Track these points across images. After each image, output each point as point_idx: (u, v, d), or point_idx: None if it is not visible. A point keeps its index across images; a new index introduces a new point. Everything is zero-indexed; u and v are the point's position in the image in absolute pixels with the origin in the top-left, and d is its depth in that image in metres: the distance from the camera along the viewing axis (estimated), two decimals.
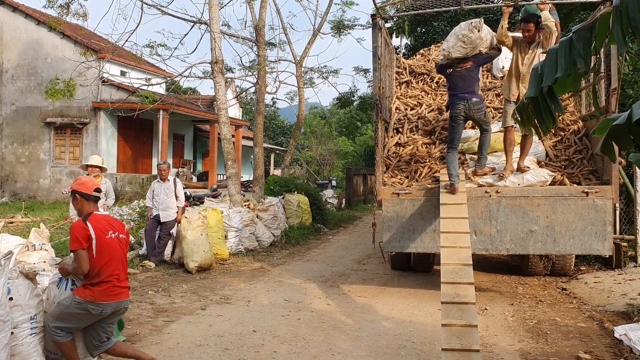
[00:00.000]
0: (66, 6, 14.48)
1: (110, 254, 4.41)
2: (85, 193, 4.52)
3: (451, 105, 7.57)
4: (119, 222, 4.70)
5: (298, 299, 7.47)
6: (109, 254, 4.39)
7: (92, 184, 4.61)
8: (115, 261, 4.45)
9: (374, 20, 8.21)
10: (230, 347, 5.38)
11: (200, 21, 14.70)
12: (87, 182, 4.62)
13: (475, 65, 7.59)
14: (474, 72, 7.54)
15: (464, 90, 7.44)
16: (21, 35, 22.30)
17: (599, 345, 5.50)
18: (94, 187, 4.59)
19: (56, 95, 15.94)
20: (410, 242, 7.47)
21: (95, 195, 4.57)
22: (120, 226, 4.63)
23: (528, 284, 8.44)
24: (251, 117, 33.13)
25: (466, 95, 7.39)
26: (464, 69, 7.51)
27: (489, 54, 7.72)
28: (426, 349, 5.45)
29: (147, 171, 23.86)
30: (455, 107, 7.46)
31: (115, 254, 4.45)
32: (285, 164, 19.83)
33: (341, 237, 14.95)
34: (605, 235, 6.97)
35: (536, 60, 7.20)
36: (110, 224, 4.53)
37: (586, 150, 7.95)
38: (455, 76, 7.56)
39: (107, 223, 4.49)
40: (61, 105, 20.92)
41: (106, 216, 4.61)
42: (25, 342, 4.19)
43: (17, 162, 22.42)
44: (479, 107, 7.43)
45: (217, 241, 10.04)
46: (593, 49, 3.17)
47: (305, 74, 20.59)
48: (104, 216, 4.57)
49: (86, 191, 4.53)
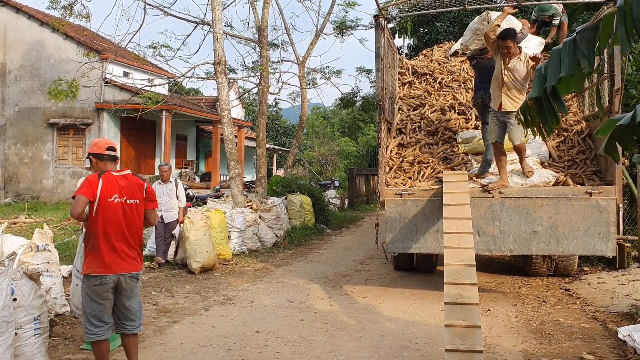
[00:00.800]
0: (69, 7, 14.51)
1: (111, 219, 4.21)
2: (97, 153, 4.43)
3: (474, 94, 8.26)
4: (136, 185, 4.41)
5: (301, 300, 7.47)
6: (107, 217, 4.19)
7: (104, 143, 4.48)
8: (114, 227, 4.22)
9: (376, 21, 8.22)
10: (234, 348, 5.38)
11: (203, 22, 14.72)
12: (98, 142, 4.52)
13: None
14: (492, 60, 7.72)
15: (484, 80, 7.82)
16: (24, 36, 22.34)
17: (603, 346, 5.49)
18: (106, 145, 4.46)
19: (59, 96, 15.97)
20: (413, 242, 7.46)
21: (109, 154, 4.44)
22: (134, 190, 4.37)
23: (531, 285, 8.43)
24: (254, 118, 33.18)
25: (486, 85, 7.70)
26: (485, 60, 7.97)
27: None
28: (429, 349, 5.44)
29: (150, 172, 23.88)
30: (476, 96, 8.12)
31: (115, 219, 4.22)
32: (288, 164, 19.83)
33: (344, 237, 14.95)
34: (609, 235, 6.95)
35: (519, 68, 7.03)
36: (121, 187, 4.30)
37: (589, 151, 7.94)
38: (478, 67, 8.14)
39: (118, 185, 4.28)
40: (64, 106, 20.95)
41: (123, 177, 4.37)
42: (29, 342, 4.20)
43: (20, 162, 22.46)
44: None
45: (220, 242, 10.04)
46: (597, 49, 3.17)
47: (307, 74, 20.63)
48: (120, 177, 4.35)
49: (98, 151, 4.43)
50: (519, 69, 7.04)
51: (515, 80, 7.06)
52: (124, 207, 4.29)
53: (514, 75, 7.05)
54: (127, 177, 4.41)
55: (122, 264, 4.25)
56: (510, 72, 7.06)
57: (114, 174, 4.34)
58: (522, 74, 7.05)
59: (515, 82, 7.05)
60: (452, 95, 9.44)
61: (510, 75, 7.06)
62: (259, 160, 15.96)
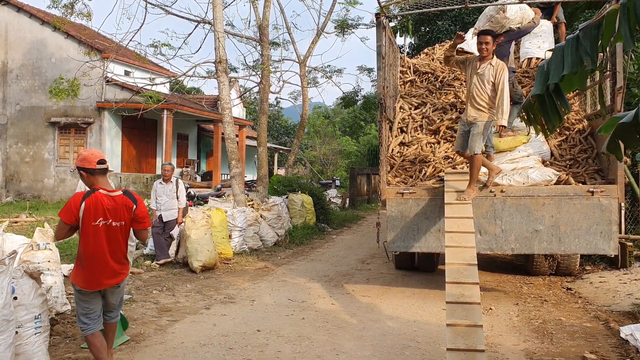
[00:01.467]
0: (70, 6, 14.52)
1: (94, 243, 4.22)
2: (88, 168, 4.30)
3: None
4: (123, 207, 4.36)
5: (302, 299, 7.46)
6: (92, 242, 4.22)
7: (94, 157, 4.34)
8: (97, 249, 4.24)
9: (378, 20, 8.20)
10: (235, 347, 5.37)
11: (204, 21, 14.70)
12: (88, 156, 4.37)
13: (507, 40, 8.12)
14: (504, 47, 8.02)
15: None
16: (25, 35, 22.35)
17: (605, 346, 5.47)
18: (97, 159, 4.32)
19: (60, 95, 15.97)
20: (415, 241, 7.45)
21: (100, 168, 4.32)
22: (120, 212, 4.33)
23: (533, 284, 8.41)
24: (255, 117, 33.18)
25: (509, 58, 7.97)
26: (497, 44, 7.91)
27: (522, 28, 8.17)
28: (431, 348, 5.43)
29: (151, 171, 23.89)
30: None
31: (98, 241, 4.23)
32: (289, 163, 19.82)
33: (345, 236, 14.94)
34: (611, 234, 6.94)
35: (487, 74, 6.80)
36: (107, 209, 4.26)
37: (591, 150, 7.92)
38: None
39: (103, 207, 4.24)
40: (65, 105, 20.96)
41: (112, 198, 4.31)
42: (29, 341, 4.19)
43: (21, 161, 22.47)
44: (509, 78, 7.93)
45: (221, 241, 10.04)
46: (600, 46, 3.15)
47: (309, 73, 20.61)
48: (108, 198, 4.29)
49: (89, 166, 4.30)
50: (487, 75, 6.80)
51: (482, 89, 6.82)
52: (108, 229, 4.28)
53: (482, 82, 6.83)
54: (116, 198, 4.34)
55: (105, 281, 4.36)
56: (479, 78, 6.84)
57: (103, 192, 4.28)
58: (489, 79, 6.78)
59: (482, 90, 6.82)
60: (453, 94, 9.42)
61: (478, 83, 6.85)
62: (260, 159, 15.95)
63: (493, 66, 6.80)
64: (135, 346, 5.33)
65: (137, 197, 4.53)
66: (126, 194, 4.42)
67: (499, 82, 6.73)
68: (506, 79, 6.75)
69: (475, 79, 6.86)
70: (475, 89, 6.86)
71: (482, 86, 6.82)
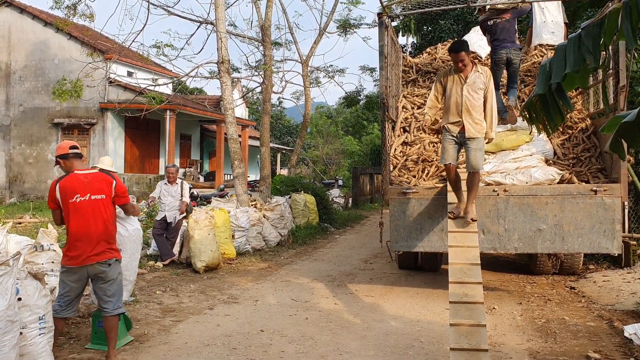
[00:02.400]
0: (73, 7, 14.56)
1: (75, 218, 4.55)
2: (62, 154, 4.73)
3: (494, 51, 8.39)
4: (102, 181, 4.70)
5: (305, 299, 7.46)
6: (73, 217, 4.54)
7: (66, 144, 4.78)
8: (79, 224, 4.55)
9: (380, 19, 8.20)
10: (238, 347, 5.38)
11: (206, 21, 14.71)
12: (62, 144, 4.83)
13: (513, 17, 8.39)
14: (511, 23, 8.33)
15: (507, 39, 8.25)
16: (28, 37, 22.40)
17: (609, 345, 5.46)
18: (69, 145, 4.75)
19: (63, 96, 16.01)
20: (418, 241, 7.44)
21: (73, 152, 4.72)
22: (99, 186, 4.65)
23: (536, 283, 8.40)
24: (257, 117, 33.20)
25: (508, 45, 8.18)
26: (504, 20, 8.32)
27: (522, 7, 8.57)
28: (434, 348, 5.43)
29: (154, 171, 23.93)
30: (499, 53, 8.27)
31: (82, 217, 4.55)
32: (292, 163, 19.83)
33: (348, 236, 14.94)
34: (614, 233, 6.92)
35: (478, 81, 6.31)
36: (84, 184, 4.60)
37: (594, 148, 7.90)
38: (498, 27, 8.36)
39: (80, 183, 4.59)
40: (68, 106, 21.01)
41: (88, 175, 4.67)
42: (34, 342, 4.20)
43: (25, 162, 22.53)
44: (517, 54, 8.28)
45: (224, 241, 10.05)
46: (602, 44, 3.14)
47: (311, 73, 20.61)
48: (84, 175, 4.65)
49: (63, 152, 4.74)
50: (478, 82, 6.30)
51: (475, 99, 6.29)
52: (90, 204, 4.60)
53: (474, 91, 6.30)
54: (92, 175, 4.72)
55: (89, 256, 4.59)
56: (469, 88, 6.29)
57: (78, 172, 4.66)
58: (480, 86, 6.31)
59: (475, 101, 6.29)
60: None
61: (469, 94, 6.29)
62: (263, 159, 15.96)
63: (482, 73, 6.35)
64: (139, 346, 5.34)
65: (115, 175, 4.92)
66: (103, 171, 4.83)
67: (489, 91, 6.35)
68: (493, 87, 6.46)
69: (465, 90, 6.29)
70: (467, 100, 6.28)
71: (475, 96, 6.30)
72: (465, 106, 6.29)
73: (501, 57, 8.25)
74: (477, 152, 6.29)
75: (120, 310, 4.87)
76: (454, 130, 6.38)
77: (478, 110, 6.30)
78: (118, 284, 4.85)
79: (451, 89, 6.40)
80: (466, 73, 6.32)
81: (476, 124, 6.28)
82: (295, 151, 19.75)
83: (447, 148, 6.43)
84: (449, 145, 6.42)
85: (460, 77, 6.35)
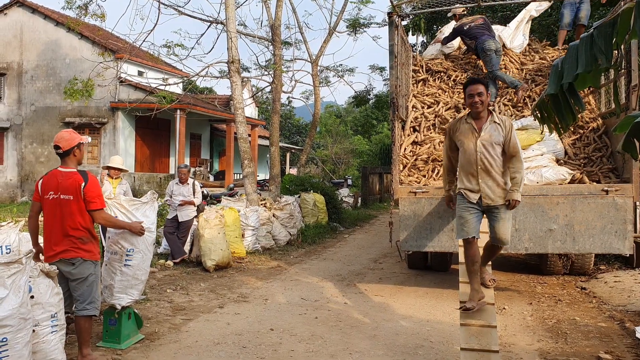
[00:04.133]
0: (84, 7, 14.64)
1: (46, 214, 4.66)
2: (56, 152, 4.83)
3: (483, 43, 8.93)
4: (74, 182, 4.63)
5: (315, 298, 7.47)
6: (45, 213, 4.66)
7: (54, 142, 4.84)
8: (50, 221, 4.63)
9: (390, 18, 8.19)
10: (248, 346, 5.40)
11: (216, 21, 14.76)
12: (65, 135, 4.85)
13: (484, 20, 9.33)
14: (486, 22, 9.29)
15: (489, 34, 9.02)
16: (40, 36, 22.58)
17: (620, 346, 5.43)
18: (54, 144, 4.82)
19: (75, 96, 16.11)
20: (428, 241, 7.43)
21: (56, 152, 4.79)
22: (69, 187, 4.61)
23: (547, 283, 8.36)
24: (267, 117, 33.24)
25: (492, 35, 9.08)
26: (479, 23, 9.16)
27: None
28: (444, 348, 5.42)
29: (164, 170, 24.05)
30: (488, 44, 8.86)
31: (51, 214, 4.62)
32: (301, 162, 19.87)
33: (357, 236, 14.94)
34: (626, 234, 6.87)
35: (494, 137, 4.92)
36: (59, 182, 4.64)
37: (606, 148, 7.86)
38: (475, 28, 9.15)
39: (54, 182, 4.65)
40: (80, 105, 21.15)
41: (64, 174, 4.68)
42: (46, 339, 4.24)
43: (36, 161, 22.71)
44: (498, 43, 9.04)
45: (234, 240, 10.09)
46: (614, 44, 3.12)
47: (321, 72, 20.62)
48: (61, 173, 4.68)
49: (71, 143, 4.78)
50: (495, 137, 4.92)
51: (494, 157, 4.93)
52: (59, 203, 4.62)
53: (491, 147, 4.92)
54: (69, 174, 4.69)
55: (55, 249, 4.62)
56: (484, 144, 4.92)
57: (60, 169, 4.73)
58: (497, 141, 4.92)
59: (494, 159, 4.93)
60: None
61: (485, 151, 4.92)
62: (273, 158, 15.98)
63: (499, 124, 4.96)
64: (149, 345, 5.37)
65: (91, 177, 4.75)
66: (80, 172, 4.74)
67: (512, 146, 4.94)
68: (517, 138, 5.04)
69: (480, 147, 4.93)
70: (484, 159, 4.92)
71: (493, 153, 4.94)
72: (481, 165, 4.94)
73: (490, 46, 8.86)
74: (506, 222, 5.00)
75: (89, 313, 4.68)
76: (473, 198, 5.00)
77: (498, 172, 4.95)
78: (88, 285, 4.69)
79: (464, 145, 5.05)
80: (480, 124, 4.99)
81: (498, 187, 4.95)
82: (305, 150, 19.78)
83: (465, 217, 5.01)
84: (467, 214, 5.01)
85: (472, 129, 5.00)
